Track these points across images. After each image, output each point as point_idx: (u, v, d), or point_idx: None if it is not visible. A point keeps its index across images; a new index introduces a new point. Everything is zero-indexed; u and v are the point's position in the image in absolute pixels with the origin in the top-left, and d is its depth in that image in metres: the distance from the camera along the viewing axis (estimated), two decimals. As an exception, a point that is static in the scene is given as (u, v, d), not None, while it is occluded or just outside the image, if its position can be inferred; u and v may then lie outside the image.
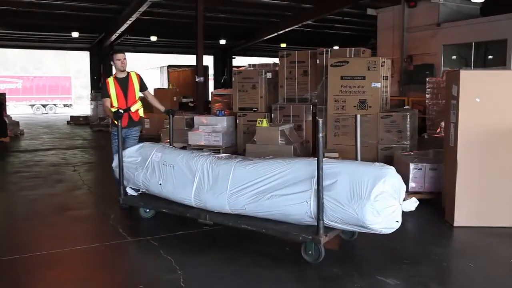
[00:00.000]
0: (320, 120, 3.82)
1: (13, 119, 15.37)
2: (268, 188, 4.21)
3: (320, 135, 3.80)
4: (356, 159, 4.75)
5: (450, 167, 5.21)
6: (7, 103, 15.66)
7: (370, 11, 16.91)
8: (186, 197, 4.72)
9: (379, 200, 3.80)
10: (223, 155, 4.96)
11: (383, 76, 8.05)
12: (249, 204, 4.29)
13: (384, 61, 8.09)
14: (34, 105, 32.91)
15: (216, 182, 4.53)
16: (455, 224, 5.05)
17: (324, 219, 3.88)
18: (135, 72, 5.97)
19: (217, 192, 4.49)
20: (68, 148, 12.09)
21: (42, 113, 32.17)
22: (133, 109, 5.91)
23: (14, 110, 28.74)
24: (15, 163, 9.75)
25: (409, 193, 6.07)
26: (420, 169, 6.04)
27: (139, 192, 5.35)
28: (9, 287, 3.72)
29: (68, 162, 9.79)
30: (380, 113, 7.82)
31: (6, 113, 14.23)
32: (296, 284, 3.73)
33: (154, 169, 5.04)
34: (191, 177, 4.72)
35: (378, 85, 7.87)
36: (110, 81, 5.83)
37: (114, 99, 5.77)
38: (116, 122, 5.45)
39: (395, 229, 4.00)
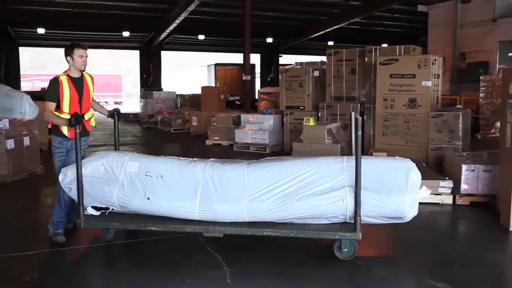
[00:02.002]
0: (359, 118, 3.91)
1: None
2: (296, 190, 4.01)
3: (359, 132, 3.86)
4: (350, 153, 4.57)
5: (507, 169, 5.01)
6: (61, 101, 16.25)
7: (421, 8, 16.47)
8: (188, 210, 4.12)
9: (414, 190, 3.99)
10: (220, 160, 4.46)
11: (434, 74, 7.83)
12: (275, 208, 4.00)
13: (435, 59, 7.86)
14: (86, 102, 34.07)
15: (227, 189, 4.10)
16: (511, 228, 4.85)
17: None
18: (88, 73, 4.79)
19: (231, 200, 4.06)
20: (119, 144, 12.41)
21: (94, 110, 33.21)
22: (86, 117, 4.73)
23: (68, 107, 29.78)
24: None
25: (461, 195, 5.90)
26: (473, 170, 5.84)
27: (103, 211, 4.35)
28: (57, 279, 3.85)
29: (118, 158, 10.05)
30: (430, 112, 7.61)
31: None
32: (346, 286, 3.69)
33: (133, 182, 4.23)
34: (190, 187, 4.16)
35: (429, 83, 7.66)
36: (63, 79, 4.51)
37: (66, 103, 4.48)
38: (61, 130, 4.51)
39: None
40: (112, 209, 4.30)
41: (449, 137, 7.39)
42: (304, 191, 3.99)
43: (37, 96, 11.18)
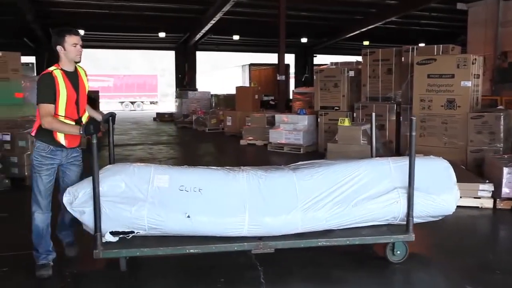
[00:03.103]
0: (414, 118, 3.85)
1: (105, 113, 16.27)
2: (350, 195, 3.86)
3: (413, 133, 3.82)
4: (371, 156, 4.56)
5: (550, 173, 4.83)
6: (100, 100, 16.62)
7: (460, 6, 16.04)
8: (236, 226, 3.67)
9: (456, 187, 4.07)
10: (257, 168, 4.06)
11: (474, 74, 7.63)
12: (332, 216, 3.79)
13: (475, 59, 7.66)
14: (123, 102, 34.76)
15: (278, 200, 3.75)
16: (555, 234, 4.68)
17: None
18: (81, 66, 3.85)
19: (284, 211, 3.71)
20: (154, 143, 12.63)
21: (131, 110, 33.89)
22: (84, 120, 3.81)
23: (106, 106, 30.52)
24: (106, 157, 10.28)
25: (502, 199, 5.73)
26: (515, 173, 5.66)
27: (121, 236, 3.65)
28: (89, 275, 3.94)
29: (154, 157, 10.23)
30: (470, 113, 7.42)
31: (99, 109, 15.13)
32: (381, 288, 3.65)
33: (166, 199, 3.64)
34: (236, 200, 3.71)
35: (469, 83, 7.47)
36: (58, 74, 3.60)
37: (62, 104, 3.59)
38: (55, 136, 3.64)
39: None
40: (137, 232, 3.64)
41: (490, 139, 7.18)
42: (358, 195, 3.86)
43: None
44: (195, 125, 16.37)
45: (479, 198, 5.78)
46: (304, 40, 23.15)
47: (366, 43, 22.68)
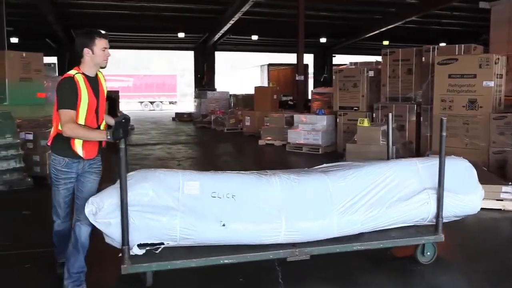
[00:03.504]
0: (444, 119, 3.87)
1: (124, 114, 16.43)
2: (383, 197, 3.77)
3: (443, 133, 3.85)
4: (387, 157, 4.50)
5: None
6: (120, 100, 16.81)
7: (482, 4, 15.75)
8: (272, 233, 3.48)
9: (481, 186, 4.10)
10: (287, 171, 3.91)
11: (497, 74, 7.51)
12: (367, 218, 3.70)
13: (498, 58, 7.54)
14: (142, 102, 35.07)
15: (313, 204, 3.61)
16: None
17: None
18: (100, 71, 3.50)
19: (320, 216, 3.58)
20: (173, 143, 12.72)
21: (150, 110, 34.17)
22: (102, 128, 3.52)
23: (126, 106, 30.84)
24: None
25: (525, 201, 5.62)
26: (539, 175, 5.56)
27: (149, 248, 3.37)
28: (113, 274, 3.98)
29: (173, 156, 10.30)
30: (492, 113, 7.30)
31: (119, 109, 15.30)
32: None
33: (198, 207, 3.39)
34: (271, 205, 3.52)
35: (491, 83, 7.35)
36: (80, 79, 3.29)
37: (82, 112, 3.29)
38: (73, 147, 3.33)
39: None
40: (167, 243, 3.37)
41: (513, 140, 7.06)
42: (391, 197, 3.80)
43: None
44: (214, 125, 16.43)
45: (501, 200, 5.69)
46: (323, 40, 23.05)
47: (385, 43, 22.49)
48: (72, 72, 3.33)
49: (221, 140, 13.49)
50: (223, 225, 3.38)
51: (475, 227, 5.13)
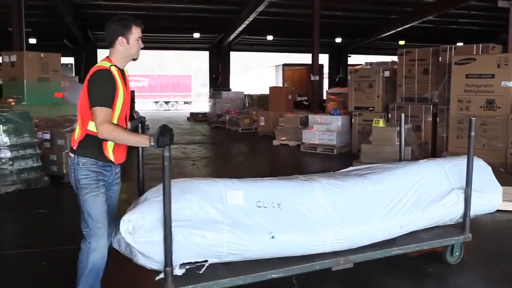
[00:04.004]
0: (473, 119, 3.92)
1: (140, 115, 16.54)
2: (418, 199, 3.71)
3: (472, 133, 3.88)
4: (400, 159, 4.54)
5: None
6: (135, 100, 16.94)
7: (501, 3, 15.49)
8: (319, 242, 3.30)
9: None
10: (324, 175, 3.76)
11: (516, 74, 7.39)
12: (407, 221, 3.63)
13: (517, 58, 7.42)
14: (158, 102, 35.26)
15: (356, 209, 3.46)
16: None
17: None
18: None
19: (363, 221, 3.44)
20: (188, 143, 12.77)
21: (165, 110, 34.34)
22: None
23: (141, 106, 31.05)
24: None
25: (544, 203, 5.52)
26: (558, 177, 5.46)
27: (188, 267, 2.99)
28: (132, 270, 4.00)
29: (188, 156, 10.34)
30: (510, 114, 7.19)
31: (134, 109, 15.41)
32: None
33: (244, 219, 3.09)
34: (318, 213, 3.31)
35: (510, 83, 7.24)
36: (115, 72, 2.88)
37: (117, 110, 2.90)
38: (104, 151, 2.91)
39: None
40: (211, 261, 3.04)
41: (531, 141, 6.95)
42: (425, 199, 3.74)
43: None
44: (228, 125, 16.46)
45: (519, 202, 5.60)
46: (338, 40, 22.96)
47: (401, 42, 22.31)
48: (105, 63, 2.88)
49: (236, 140, 13.51)
50: (272, 237, 3.10)
51: (493, 230, 5.07)
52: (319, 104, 15.07)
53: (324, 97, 16.45)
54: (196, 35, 21.30)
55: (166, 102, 35.49)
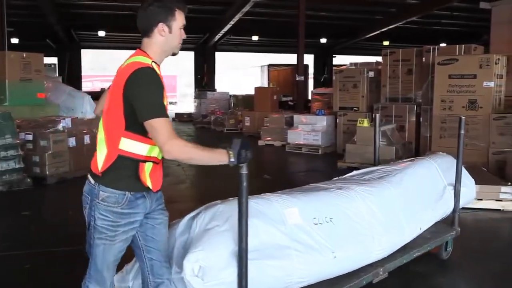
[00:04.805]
0: (463, 118, 4.02)
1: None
2: (428, 199, 3.73)
3: (462, 131, 3.98)
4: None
5: None
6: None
7: (483, 5, 15.76)
8: (367, 254, 3.05)
9: None
10: (347, 182, 3.58)
11: (497, 75, 7.50)
12: (424, 221, 3.61)
13: (498, 59, 7.53)
14: (143, 102, 35.07)
15: (389, 216, 3.26)
16: None
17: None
18: None
19: (395, 226, 3.28)
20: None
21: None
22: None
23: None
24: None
25: (525, 202, 5.61)
26: (539, 176, 5.55)
27: None
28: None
29: (173, 157, 10.29)
30: (492, 114, 7.29)
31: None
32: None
33: (306, 240, 2.71)
34: (360, 223, 3.05)
35: (491, 84, 7.34)
36: (158, 71, 2.27)
37: None
38: (141, 177, 2.22)
39: None
40: None
41: (513, 141, 7.06)
42: (432, 198, 3.76)
43: (96, 96, 11.60)
44: (214, 125, 16.44)
45: (500, 200, 5.69)
46: (323, 40, 23.06)
47: (386, 43, 22.50)
48: (143, 59, 2.19)
49: (221, 141, 13.46)
50: (335, 257, 2.78)
51: (475, 228, 5.13)
52: (304, 104, 15.12)
53: (309, 97, 16.52)
54: (182, 35, 21.21)
55: (151, 102, 35.29)
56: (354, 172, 3.99)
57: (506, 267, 4.05)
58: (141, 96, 2.09)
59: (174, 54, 2.41)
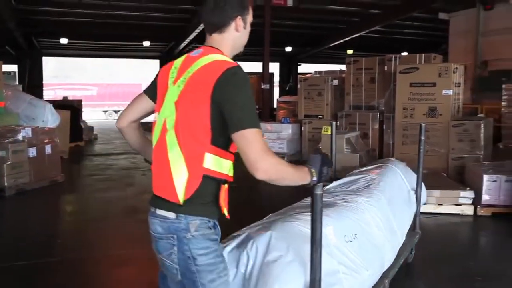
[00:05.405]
0: (423, 124, 4.10)
1: (88, 124, 16.17)
2: (405, 203, 3.77)
3: (422, 137, 4.07)
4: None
5: (529, 180, 4.90)
6: (83, 109, 16.50)
7: (442, 15, 16.29)
8: (383, 265, 2.98)
9: None
10: (347, 192, 3.44)
11: (455, 83, 7.74)
12: (406, 224, 3.65)
13: (456, 67, 7.78)
14: (107, 111, 34.52)
15: (387, 222, 3.21)
16: (534, 240, 4.74)
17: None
18: None
19: (393, 235, 3.25)
20: (137, 152, 12.51)
21: (114, 119, 33.57)
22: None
23: (89, 115, 30.28)
24: (89, 166, 10.25)
25: (482, 206, 5.79)
26: (495, 181, 5.74)
27: None
28: (79, 286, 3.89)
29: (137, 166, 10.15)
30: (451, 121, 7.51)
31: (82, 118, 15.01)
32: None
33: (345, 259, 2.52)
34: (372, 235, 2.93)
35: (450, 92, 7.57)
36: None
37: None
38: (220, 203, 1.81)
39: None
40: None
41: (471, 147, 7.27)
42: (404, 203, 3.79)
43: (58, 105, 11.34)
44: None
45: (460, 205, 5.84)
46: (288, 49, 23.27)
47: (350, 52, 22.90)
48: (226, 58, 1.89)
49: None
50: (369, 274, 2.64)
51: (435, 232, 5.25)
52: (270, 112, 15.18)
53: (275, 106, 16.60)
54: (146, 43, 21.03)
55: (116, 111, 34.78)
56: (336, 183, 3.83)
57: (466, 269, 4.15)
58: (235, 102, 1.70)
59: (239, 54, 2.14)
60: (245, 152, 1.67)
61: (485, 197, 5.77)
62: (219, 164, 1.77)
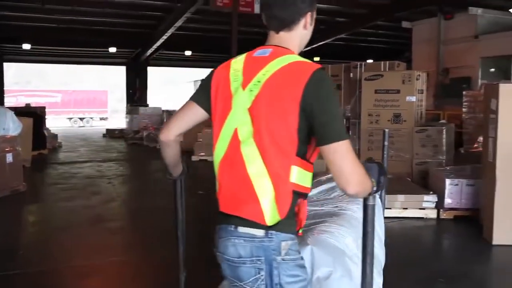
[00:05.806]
0: (387, 130, 3.89)
1: (51, 131, 15.81)
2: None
3: (386, 143, 3.87)
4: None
5: (489, 183, 5.05)
6: (46, 116, 16.13)
7: (405, 24, 16.72)
8: (381, 270, 2.95)
9: None
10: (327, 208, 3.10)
11: (418, 90, 7.93)
12: (383, 229, 3.44)
13: (419, 75, 7.97)
14: (72, 118, 33.85)
15: (378, 228, 3.02)
16: (494, 242, 4.88)
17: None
18: None
19: (381, 240, 3.19)
20: (103, 160, 12.33)
21: (79, 126, 33.02)
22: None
23: (53, 123, 29.64)
24: (53, 175, 10.01)
25: (445, 210, 5.93)
26: (457, 184, 5.89)
27: None
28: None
29: (103, 174, 9.98)
30: (415, 127, 7.68)
31: (45, 126, 14.67)
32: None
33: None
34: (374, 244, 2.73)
35: (413, 98, 7.75)
36: None
37: None
38: (301, 215, 1.64)
39: None
40: None
41: (433, 152, 7.45)
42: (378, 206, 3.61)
43: (20, 112, 11.04)
44: (146, 141, 16.11)
45: (423, 209, 5.97)
46: (256, 56, 23.38)
47: (316, 59, 23.13)
48: (305, 59, 1.68)
49: (153, 157, 13.22)
50: (379, 285, 2.60)
51: (399, 236, 5.34)
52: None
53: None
54: (112, 49, 20.77)
55: (81, 119, 34.15)
56: (314, 191, 3.55)
57: (430, 272, 4.23)
58: (329, 111, 1.51)
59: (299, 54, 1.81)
60: (340, 165, 1.48)
61: (448, 201, 5.91)
62: (304, 177, 1.59)
